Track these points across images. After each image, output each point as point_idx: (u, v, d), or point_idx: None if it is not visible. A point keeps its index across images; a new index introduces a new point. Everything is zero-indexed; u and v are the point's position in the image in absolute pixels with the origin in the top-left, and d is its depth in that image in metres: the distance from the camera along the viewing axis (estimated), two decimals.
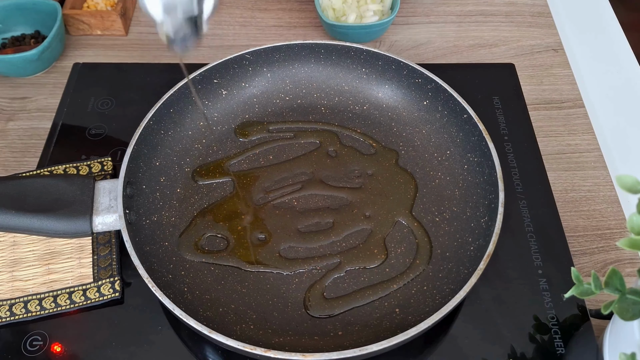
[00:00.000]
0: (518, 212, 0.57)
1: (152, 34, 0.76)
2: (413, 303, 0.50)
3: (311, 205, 0.56)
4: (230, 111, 0.63)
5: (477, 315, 0.51)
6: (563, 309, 0.51)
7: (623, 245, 0.34)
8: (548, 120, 0.67)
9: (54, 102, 0.68)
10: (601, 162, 0.63)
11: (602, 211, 0.59)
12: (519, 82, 0.69)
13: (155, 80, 0.68)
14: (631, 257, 0.56)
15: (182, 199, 0.57)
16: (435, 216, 0.55)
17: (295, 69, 0.65)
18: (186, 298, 0.49)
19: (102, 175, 0.59)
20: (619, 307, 0.37)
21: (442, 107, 0.60)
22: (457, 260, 0.51)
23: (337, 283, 0.51)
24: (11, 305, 0.51)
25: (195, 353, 0.49)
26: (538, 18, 0.78)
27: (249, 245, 0.54)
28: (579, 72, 0.73)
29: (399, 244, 0.54)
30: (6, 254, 0.54)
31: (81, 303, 0.51)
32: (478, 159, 0.55)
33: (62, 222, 0.48)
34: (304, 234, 0.54)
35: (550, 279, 0.52)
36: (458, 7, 0.80)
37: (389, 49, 0.75)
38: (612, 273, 0.37)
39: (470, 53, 0.74)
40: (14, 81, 0.71)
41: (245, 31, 0.77)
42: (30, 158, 0.63)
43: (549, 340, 0.49)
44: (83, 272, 0.53)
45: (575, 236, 0.57)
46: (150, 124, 0.56)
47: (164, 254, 0.52)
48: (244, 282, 0.51)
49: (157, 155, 0.58)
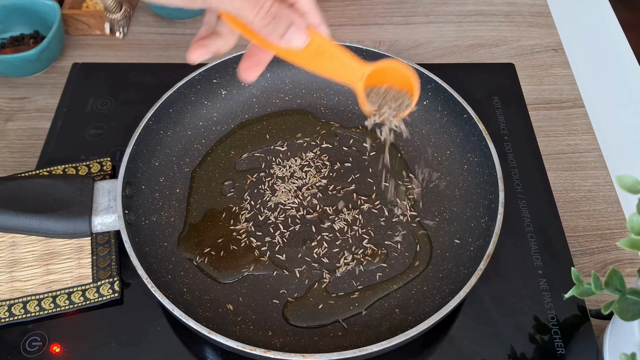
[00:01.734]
0: (518, 212, 0.57)
1: (152, 34, 0.76)
2: (413, 303, 0.50)
3: (311, 206, 0.56)
4: (230, 111, 0.63)
5: (477, 315, 0.51)
6: (563, 309, 0.51)
7: (623, 245, 0.34)
8: (548, 120, 0.67)
9: (53, 102, 0.68)
10: (601, 162, 0.63)
11: (602, 211, 0.59)
12: (519, 82, 0.69)
13: (155, 80, 0.68)
14: (631, 257, 0.55)
15: (182, 199, 0.57)
16: (435, 216, 0.55)
17: (295, 69, 0.65)
18: (185, 298, 0.49)
19: (101, 176, 0.59)
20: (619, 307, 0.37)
21: (442, 107, 0.60)
22: (457, 260, 0.51)
23: (337, 283, 0.51)
24: (10, 305, 0.50)
25: (194, 353, 0.49)
26: (538, 18, 0.78)
27: (249, 246, 0.54)
28: (579, 72, 0.73)
29: (399, 244, 0.53)
30: (5, 255, 0.54)
31: (80, 303, 0.51)
32: (478, 159, 0.55)
33: (61, 223, 0.48)
34: (303, 235, 0.54)
35: (550, 279, 0.52)
36: (458, 7, 0.80)
37: (389, 49, 0.75)
38: (612, 273, 0.37)
39: (470, 53, 0.74)
40: (13, 81, 0.71)
41: None
42: (30, 158, 0.63)
43: (549, 340, 0.49)
44: (82, 272, 0.52)
45: (575, 236, 0.57)
46: (150, 124, 0.56)
47: (163, 254, 0.52)
48: (244, 282, 0.51)
49: (157, 156, 0.57)
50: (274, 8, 0.36)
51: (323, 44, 0.39)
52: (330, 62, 0.40)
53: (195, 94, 0.61)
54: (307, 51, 0.39)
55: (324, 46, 0.39)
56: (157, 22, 0.77)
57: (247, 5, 0.35)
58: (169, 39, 0.75)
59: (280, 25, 0.36)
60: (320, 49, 0.39)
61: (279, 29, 0.36)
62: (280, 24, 0.36)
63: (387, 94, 0.44)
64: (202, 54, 0.39)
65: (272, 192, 0.57)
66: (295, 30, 0.37)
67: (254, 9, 0.35)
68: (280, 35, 0.37)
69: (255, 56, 0.41)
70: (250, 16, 0.35)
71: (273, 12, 0.36)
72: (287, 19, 0.36)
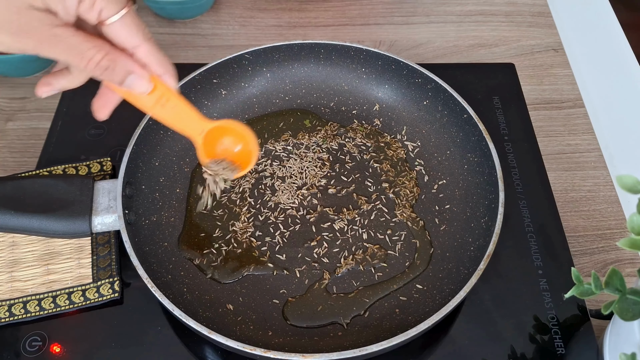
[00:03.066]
0: (518, 212, 0.57)
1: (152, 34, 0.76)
2: (413, 303, 0.50)
3: (311, 206, 0.56)
4: (230, 111, 0.63)
5: (477, 315, 0.51)
6: (563, 309, 0.51)
7: (623, 245, 0.34)
8: (548, 120, 0.67)
9: (53, 102, 0.67)
10: (601, 162, 0.63)
11: (602, 211, 0.59)
12: (519, 82, 0.69)
13: None
14: (631, 257, 0.55)
15: (182, 199, 0.57)
16: (435, 216, 0.55)
17: (294, 69, 0.65)
18: (186, 298, 0.49)
19: (102, 176, 0.59)
20: (619, 307, 0.37)
21: (442, 107, 0.60)
22: (457, 260, 0.51)
23: (337, 283, 0.51)
24: (10, 305, 0.50)
25: (194, 353, 0.49)
26: (538, 18, 0.78)
27: (249, 246, 0.54)
28: (579, 72, 0.73)
29: (399, 244, 0.53)
30: (5, 255, 0.54)
31: (80, 303, 0.51)
32: (478, 159, 0.55)
33: (61, 223, 0.48)
34: (303, 235, 0.54)
35: (550, 279, 0.52)
36: (458, 7, 0.80)
37: (389, 48, 0.75)
38: (612, 273, 0.37)
39: (470, 53, 0.74)
40: (14, 81, 0.71)
41: (245, 31, 0.77)
42: (30, 158, 0.63)
43: (549, 340, 0.49)
44: (82, 272, 0.53)
45: (575, 236, 0.57)
46: (150, 123, 0.56)
47: (163, 254, 0.52)
48: (244, 282, 0.51)
49: (157, 155, 0.57)
50: (105, 61, 0.37)
51: (167, 93, 0.41)
52: (173, 113, 0.42)
53: (195, 94, 0.61)
54: (151, 98, 0.41)
55: (167, 96, 0.41)
56: (157, 22, 0.77)
57: (74, 57, 0.36)
58: (168, 39, 0.75)
59: (116, 74, 0.38)
60: (163, 98, 0.41)
61: (115, 77, 0.38)
62: (115, 73, 0.38)
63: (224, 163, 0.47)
64: (46, 91, 0.41)
65: (272, 192, 0.57)
66: (134, 78, 0.39)
67: (82, 61, 0.36)
68: (118, 82, 0.39)
69: (106, 96, 0.42)
70: (81, 67, 0.37)
71: (104, 64, 0.37)
72: (122, 68, 0.38)
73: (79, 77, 0.41)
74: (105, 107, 0.43)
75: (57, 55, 0.36)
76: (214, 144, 0.46)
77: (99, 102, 0.42)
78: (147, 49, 0.39)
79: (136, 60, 0.39)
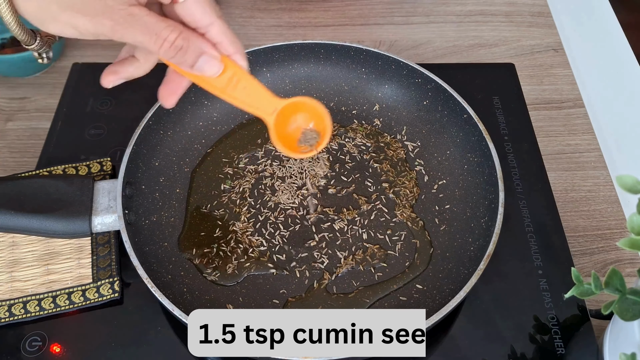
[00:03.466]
0: (518, 212, 0.57)
1: None
2: (413, 303, 0.50)
3: (310, 207, 0.56)
4: (230, 111, 0.63)
5: (477, 315, 0.51)
6: (563, 309, 0.51)
7: (623, 245, 0.34)
8: (548, 120, 0.67)
9: (53, 102, 0.67)
10: (601, 162, 0.63)
11: (602, 211, 0.59)
12: (519, 82, 0.69)
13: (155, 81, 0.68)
14: (631, 257, 0.55)
15: (182, 199, 0.57)
16: (435, 216, 0.55)
17: (294, 69, 0.65)
18: (186, 298, 0.49)
19: (101, 176, 0.59)
20: (619, 307, 0.37)
21: (442, 107, 0.60)
22: (457, 260, 0.51)
23: (337, 283, 0.51)
24: (10, 305, 0.50)
25: None
26: (538, 18, 0.78)
27: (249, 246, 0.54)
28: (579, 72, 0.73)
29: (399, 244, 0.53)
30: (5, 255, 0.54)
31: (80, 303, 0.51)
32: (478, 159, 0.55)
33: (61, 223, 0.48)
34: (303, 235, 0.54)
35: (550, 279, 0.52)
36: (458, 7, 0.80)
37: (389, 48, 0.75)
38: (612, 273, 0.37)
39: (470, 53, 0.74)
40: (13, 81, 0.71)
41: (245, 31, 0.77)
42: (30, 158, 0.63)
43: (549, 340, 0.49)
44: (82, 272, 0.52)
45: (575, 236, 0.57)
46: (150, 124, 0.56)
47: (163, 254, 0.52)
48: (244, 283, 0.51)
49: (157, 156, 0.57)
50: (179, 40, 0.36)
51: (238, 73, 0.40)
52: (244, 93, 0.41)
53: (195, 94, 0.61)
54: (221, 80, 0.40)
55: (238, 76, 0.40)
56: None
57: (149, 38, 0.35)
58: None
59: (189, 55, 0.37)
60: (234, 79, 0.40)
61: (188, 59, 0.37)
62: (188, 54, 0.37)
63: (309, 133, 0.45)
64: (112, 81, 0.40)
65: (272, 192, 0.57)
66: (206, 59, 0.38)
67: (157, 42, 0.35)
68: (190, 65, 0.37)
69: (173, 82, 0.41)
70: (154, 49, 0.35)
71: (178, 44, 0.36)
72: (195, 49, 0.37)
73: (146, 64, 0.40)
74: (173, 94, 0.41)
75: (132, 37, 0.35)
76: (285, 123, 0.44)
77: (167, 90, 0.41)
78: (219, 27, 0.38)
79: (207, 40, 0.38)
